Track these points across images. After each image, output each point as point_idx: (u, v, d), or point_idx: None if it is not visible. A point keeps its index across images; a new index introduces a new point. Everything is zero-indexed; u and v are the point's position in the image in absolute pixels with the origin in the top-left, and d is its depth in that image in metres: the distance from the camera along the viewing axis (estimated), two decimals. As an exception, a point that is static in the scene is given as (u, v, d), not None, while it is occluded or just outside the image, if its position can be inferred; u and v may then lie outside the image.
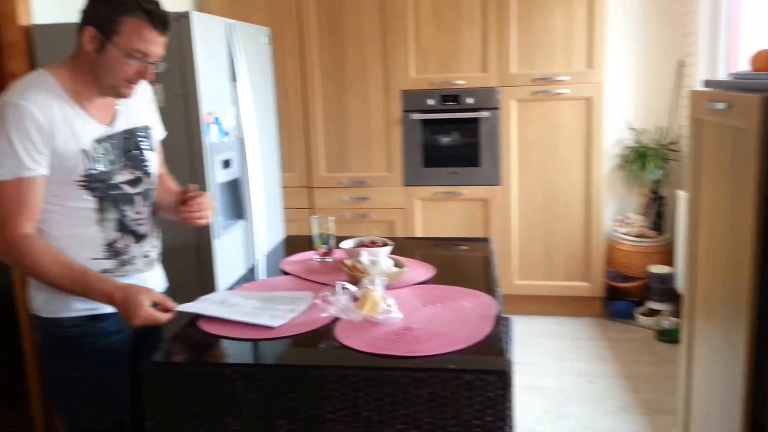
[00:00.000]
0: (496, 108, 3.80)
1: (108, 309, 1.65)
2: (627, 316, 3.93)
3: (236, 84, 2.81)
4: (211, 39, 2.62)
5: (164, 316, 1.57)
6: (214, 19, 2.73)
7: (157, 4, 1.60)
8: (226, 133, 2.71)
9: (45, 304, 1.65)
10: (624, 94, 4.07)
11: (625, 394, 3.08)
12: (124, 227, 1.69)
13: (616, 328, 3.85)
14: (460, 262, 2.29)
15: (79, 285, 1.56)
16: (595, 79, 3.69)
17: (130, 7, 1.55)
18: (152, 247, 1.80)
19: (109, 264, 1.67)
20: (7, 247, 1.54)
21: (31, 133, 1.51)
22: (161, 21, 1.59)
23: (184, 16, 2.43)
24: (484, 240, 2.42)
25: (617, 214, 4.16)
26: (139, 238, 1.74)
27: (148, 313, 1.54)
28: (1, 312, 3.53)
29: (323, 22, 3.87)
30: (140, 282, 1.72)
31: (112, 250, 1.68)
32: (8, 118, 1.50)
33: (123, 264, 1.70)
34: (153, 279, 1.82)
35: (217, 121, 2.62)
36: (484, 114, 3.80)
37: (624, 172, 4.13)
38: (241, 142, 2.85)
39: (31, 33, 2.50)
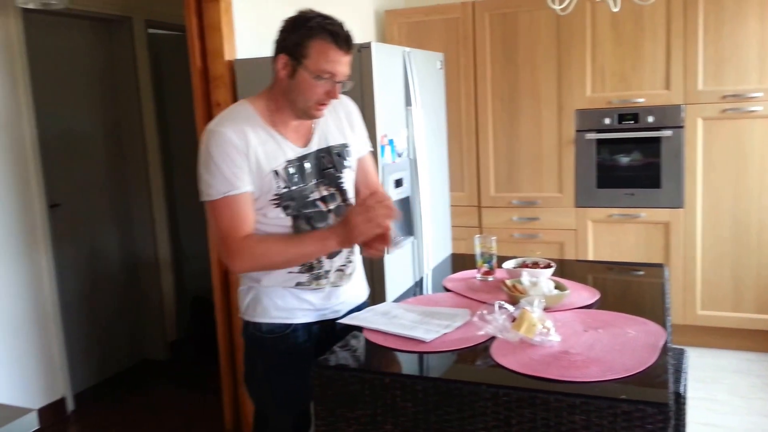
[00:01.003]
0: (679, 127, 3.59)
1: (299, 320, 1.80)
2: (833, 358, 3.51)
3: (410, 108, 2.95)
4: (388, 66, 2.78)
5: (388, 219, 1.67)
6: (392, 48, 2.90)
7: (341, 26, 1.69)
8: (399, 154, 2.85)
9: (247, 308, 1.83)
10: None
11: (826, 446, 2.75)
12: None
13: (818, 370, 3.45)
14: (629, 288, 2.21)
15: (304, 241, 1.71)
16: (796, 94, 3.36)
17: (315, 31, 1.65)
18: (347, 261, 1.86)
19: (303, 278, 1.79)
20: (238, 252, 1.68)
21: (232, 155, 1.66)
22: (345, 41, 1.68)
23: (365, 47, 2.59)
24: (659, 266, 2.31)
25: (823, 243, 3.72)
26: (332, 254, 1.80)
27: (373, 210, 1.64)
28: (202, 312, 3.98)
29: (497, 45, 3.91)
30: (336, 295, 1.85)
31: (306, 265, 1.78)
32: (210, 144, 1.67)
33: (317, 278, 1.80)
34: (349, 291, 1.91)
35: (390, 143, 2.77)
36: (666, 133, 3.61)
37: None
38: (412, 162, 2.98)
39: (233, 67, 2.82)
